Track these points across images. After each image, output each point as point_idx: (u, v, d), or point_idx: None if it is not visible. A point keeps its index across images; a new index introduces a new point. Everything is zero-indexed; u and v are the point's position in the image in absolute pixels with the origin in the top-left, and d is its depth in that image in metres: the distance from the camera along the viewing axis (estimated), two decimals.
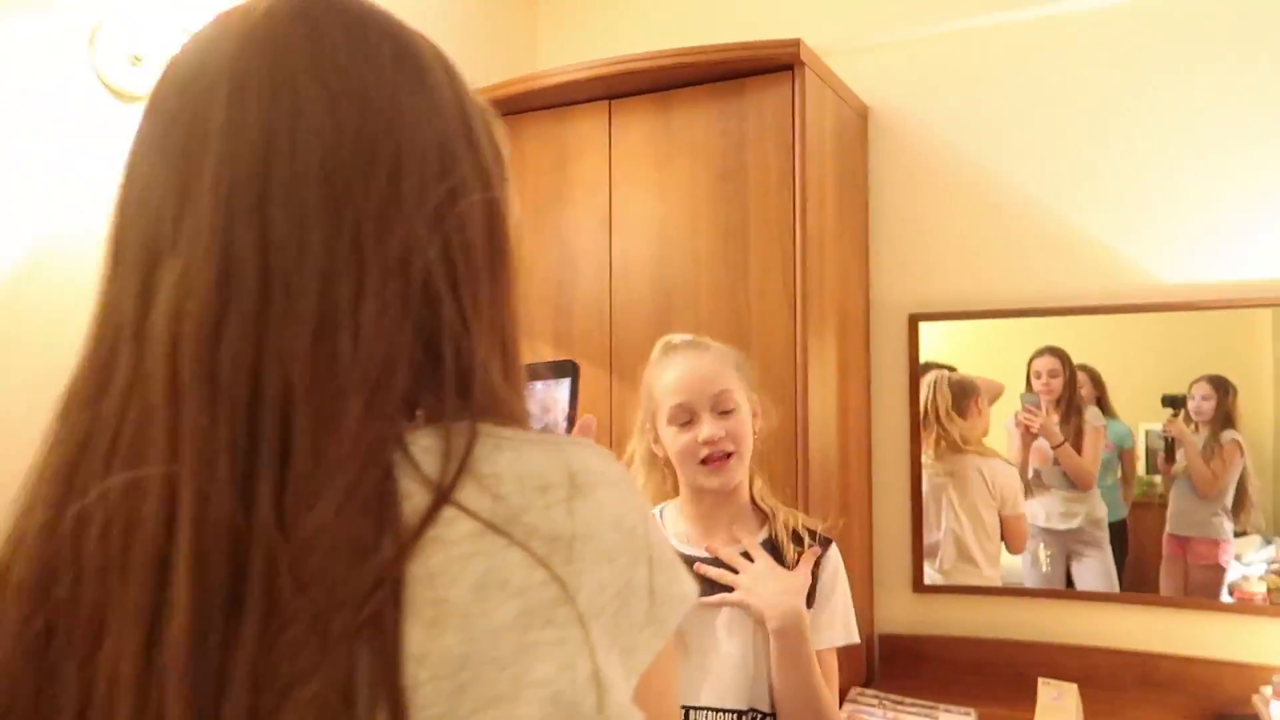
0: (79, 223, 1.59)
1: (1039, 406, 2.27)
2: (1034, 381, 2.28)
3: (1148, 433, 2.21)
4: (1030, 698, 2.04)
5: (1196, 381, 2.15)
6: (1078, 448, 2.26)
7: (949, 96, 2.37)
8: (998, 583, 2.35)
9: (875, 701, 2.16)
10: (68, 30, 1.58)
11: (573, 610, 0.48)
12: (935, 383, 2.40)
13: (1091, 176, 2.23)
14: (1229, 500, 2.12)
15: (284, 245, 0.49)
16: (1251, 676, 2.02)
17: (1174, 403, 2.17)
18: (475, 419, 0.52)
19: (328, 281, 0.49)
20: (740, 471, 1.42)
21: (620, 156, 2.20)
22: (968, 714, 2.10)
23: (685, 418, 1.40)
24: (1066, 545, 2.28)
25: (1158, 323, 2.18)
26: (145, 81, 1.67)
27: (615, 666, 0.50)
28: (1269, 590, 2.06)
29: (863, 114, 2.41)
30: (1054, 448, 2.27)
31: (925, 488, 2.40)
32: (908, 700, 2.15)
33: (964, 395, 2.38)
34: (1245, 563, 2.11)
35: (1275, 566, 2.07)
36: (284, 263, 0.49)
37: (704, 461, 1.39)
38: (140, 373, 0.49)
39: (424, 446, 0.50)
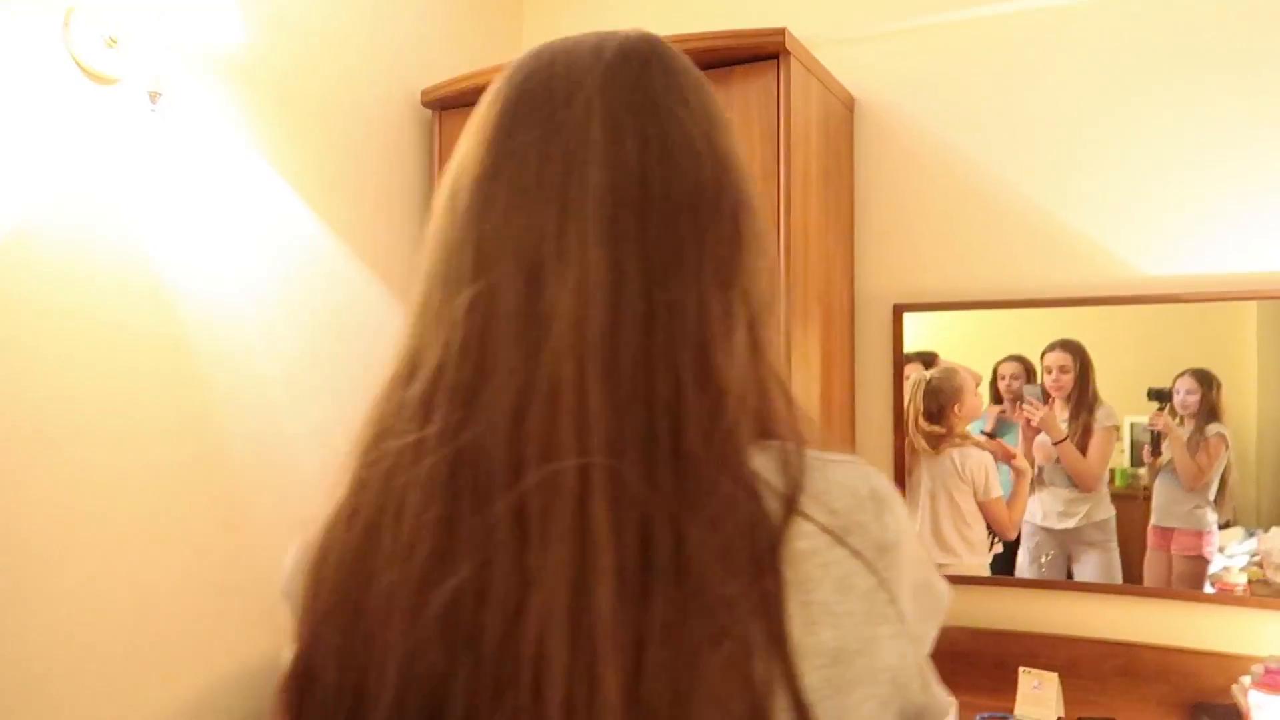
0: (56, 209, 1.57)
1: (1041, 400, 2.26)
2: (1045, 377, 2.26)
3: (1133, 425, 2.21)
4: (1011, 687, 2.05)
5: (1180, 375, 2.14)
6: (1084, 446, 2.24)
7: (936, 88, 2.36)
8: (983, 572, 2.35)
9: None
10: (41, 12, 1.56)
11: (896, 608, 0.57)
12: (915, 386, 2.39)
13: (1077, 169, 2.23)
14: (1212, 492, 2.12)
15: (665, 266, 0.56)
16: (1231, 666, 2.02)
17: (1159, 396, 2.16)
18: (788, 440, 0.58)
19: (703, 304, 0.56)
20: None
21: None
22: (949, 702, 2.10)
23: None
24: (1067, 546, 2.27)
25: (1142, 315, 2.18)
26: (121, 64, 1.65)
27: (919, 654, 0.59)
28: (1249, 582, 2.07)
29: (849, 105, 2.40)
30: (1055, 444, 2.26)
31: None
32: None
33: (941, 400, 2.37)
34: (1228, 554, 2.11)
35: (1256, 558, 2.08)
36: (665, 281, 0.56)
37: None
38: (536, 363, 0.54)
39: (759, 462, 0.56)
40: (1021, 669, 2.04)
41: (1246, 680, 1.91)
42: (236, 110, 1.93)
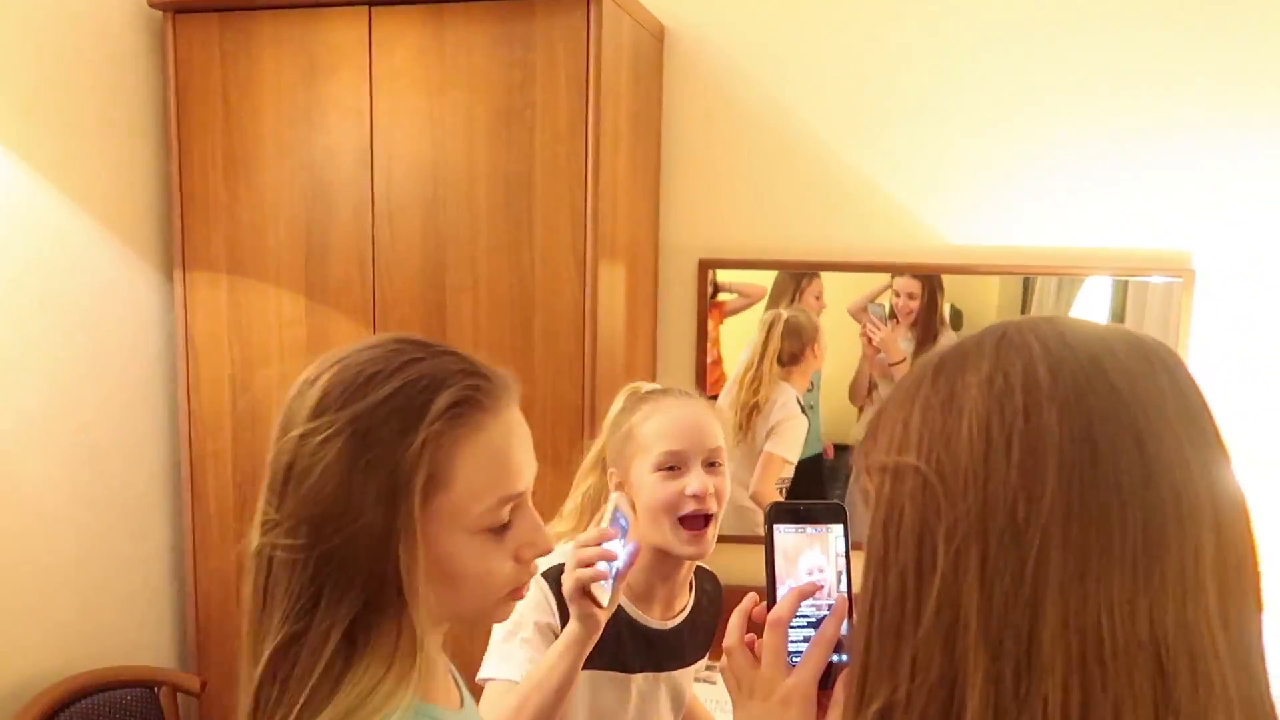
0: None
1: (885, 321, 2.24)
2: (894, 300, 2.23)
3: None
4: None
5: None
6: None
7: (749, 21, 2.19)
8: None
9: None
10: None
11: None
12: (770, 325, 2.28)
13: (889, 130, 2.15)
14: None
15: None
16: None
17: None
18: None
19: None
20: (713, 541, 1.26)
21: (384, 77, 1.86)
22: (713, 667, 2.12)
23: (673, 464, 1.24)
24: None
25: (945, 283, 2.18)
26: None
27: None
28: None
29: (659, 35, 2.18)
30: (891, 364, 2.26)
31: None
32: None
33: (802, 340, 2.29)
34: None
35: None
36: None
37: (683, 520, 1.23)
38: None
39: None
40: None
41: None
42: None
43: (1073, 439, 0.48)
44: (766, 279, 2.25)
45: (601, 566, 1.11)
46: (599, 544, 1.13)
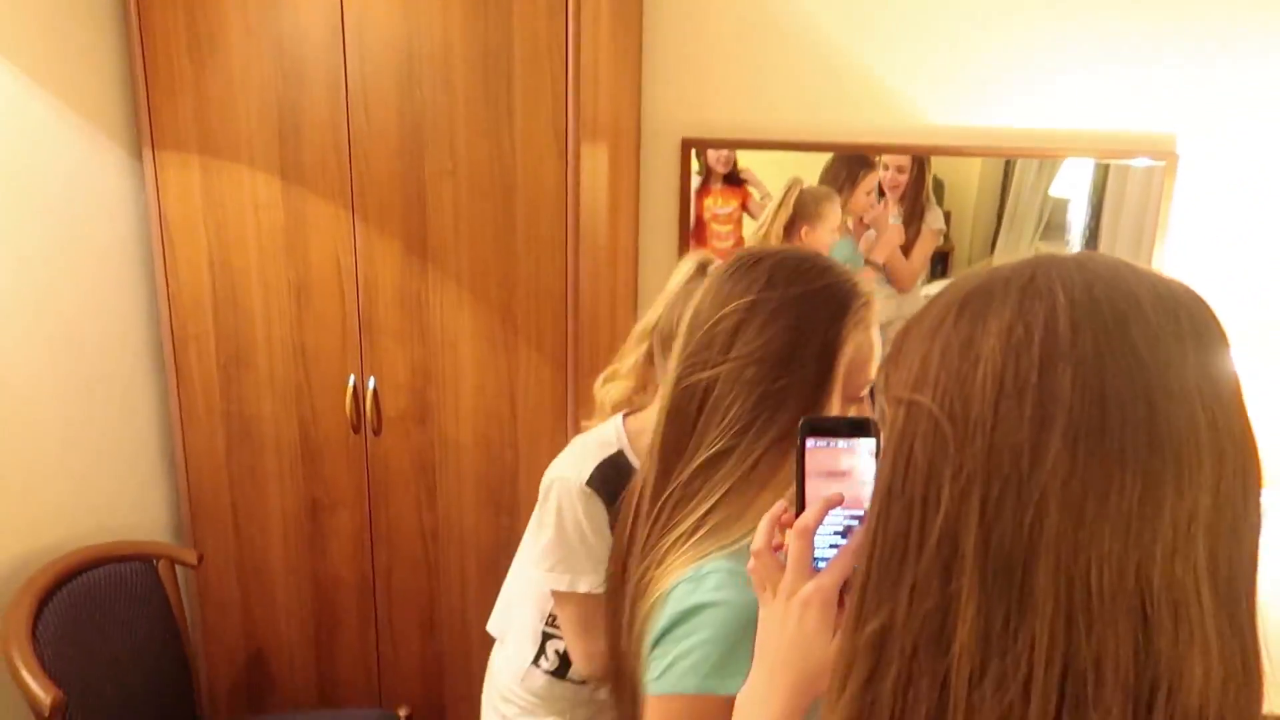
0: None
1: (878, 198, 2.23)
2: (882, 174, 2.21)
3: None
4: None
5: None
6: (908, 250, 2.26)
7: None
8: None
9: None
10: None
11: None
12: (788, 190, 2.25)
13: (875, 8, 2.09)
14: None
15: None
16: None
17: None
18: None
19: None
20: None
21: None
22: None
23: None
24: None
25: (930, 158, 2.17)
26: None
27: None
28: None
29: None
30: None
31: None
32: None
33: (808, 213, 2.28)
34: None
35: None
36: None
37: None
38: None
39: None
40: None
41: None
42: None
43: (1084, 401, 0.49)
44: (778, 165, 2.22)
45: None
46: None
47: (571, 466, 1.33)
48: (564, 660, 1.47)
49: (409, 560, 2.10)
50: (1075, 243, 2.18)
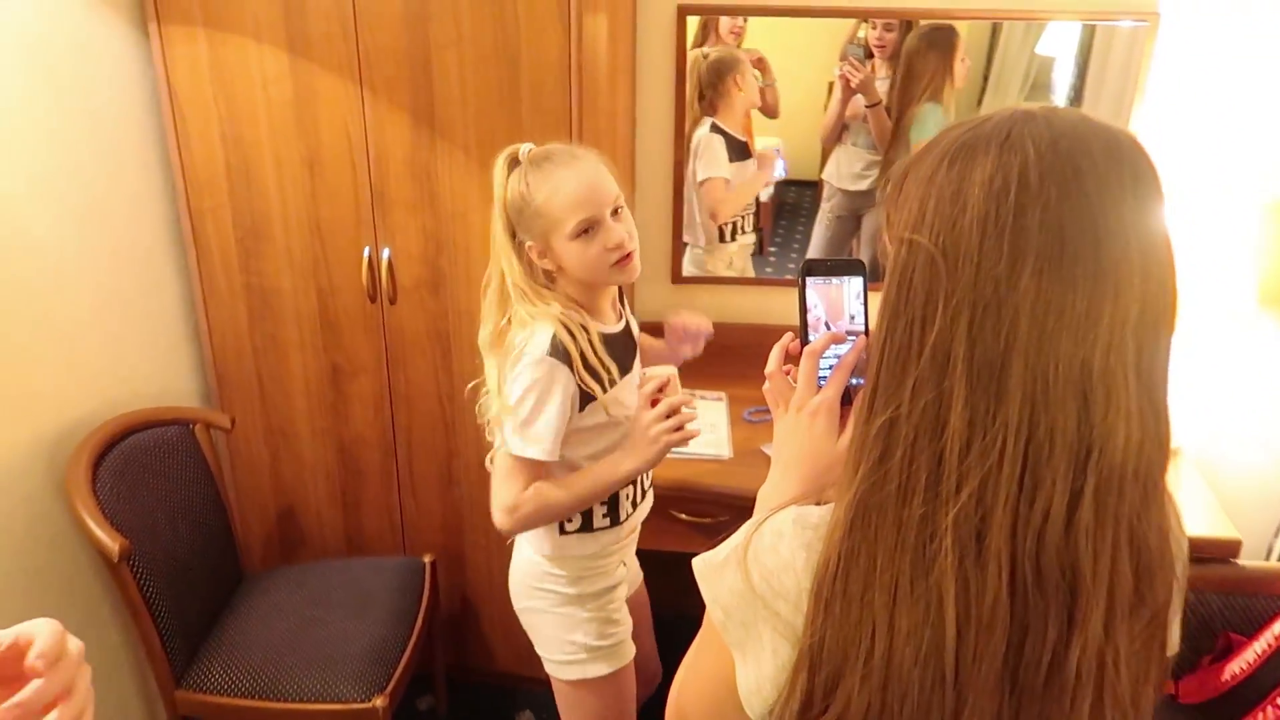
0: None
1: (863, 61, 2.28)
2: (870, 33, 2.24)
3: None
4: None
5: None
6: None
7: None
8: (743, 267, 2.52)
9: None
10: None
11: None
12: (693, 67, 2.33)
13: None
14: None
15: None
16: None
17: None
18: None
19: None
20: (638, 266, 1.52)
21: None
22: (720, 397, 2.35)
23: (587, 228, 1.44)
24: (856, 205, 2.44)
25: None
26: None
27: None
28: None
29: None
30: (868, 106, 2.31)
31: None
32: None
33: (715, 80, 2.34)
34: None
35: None
36: None
37: (614, 265, 1.47)
38: None
39: None
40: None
41: None
42: None
43: (1047, 239, 0.63)
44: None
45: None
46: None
47: (528, 348, 1.47)
48: (585, 515, 1.63)
49: (427, 421, 2.24)
50: (1061, 103, 2.25)
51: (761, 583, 0.74)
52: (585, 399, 1.51)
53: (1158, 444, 0.68)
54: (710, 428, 2.19)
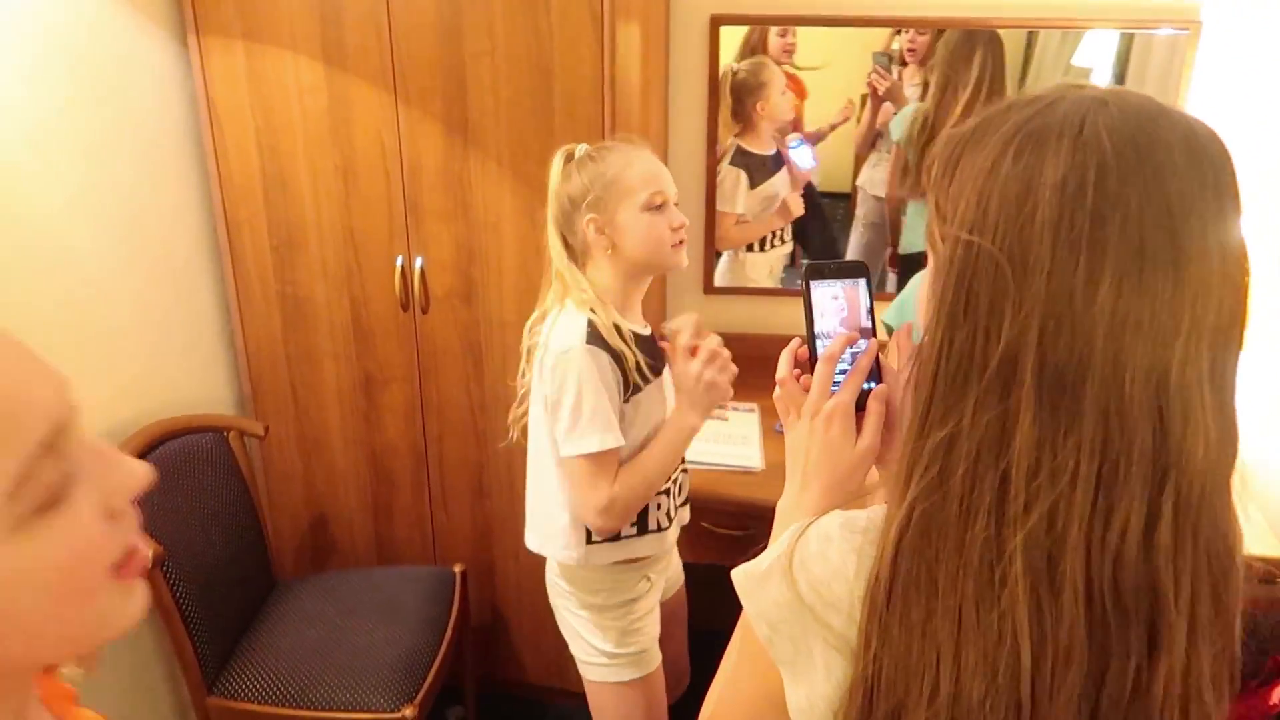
0: None
1: (889, 69, 2.27)
2: (903, 38, 2.23)
3: None
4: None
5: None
6: None
7: None
8: (773, 278, 2.51)
9: None
10: None
11: None
12: (723, 80, 2.33)
13: None
14: None
15: None
16: None
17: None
18: None
19: None
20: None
21: None
22: (751, 409, 2.34)
23: (660, 203, 1.50)
24: (897, 212, 2.41)
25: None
26: None
27: None
28: None
29: None
30: (897, 113, 2.30)
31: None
32: None
33: (744, 95, 2.34)
34: None
35: None
36: None
37: (675, 246, 1.53)
38: None
39: None
40: None
41: None
42: None
43: (1128, 250, 0.59)
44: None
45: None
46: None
47: (562, 339, 1.49)
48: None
49: (459, 431, 2.24)
50: None
51: (810, 592, 0.69)
52: (629, 388, 1.53)
53: (1230, 458, 0.64)
54: (742, 440, 2.17)
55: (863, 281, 0.90)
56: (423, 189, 2.03)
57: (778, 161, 2.41)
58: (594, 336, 1.47)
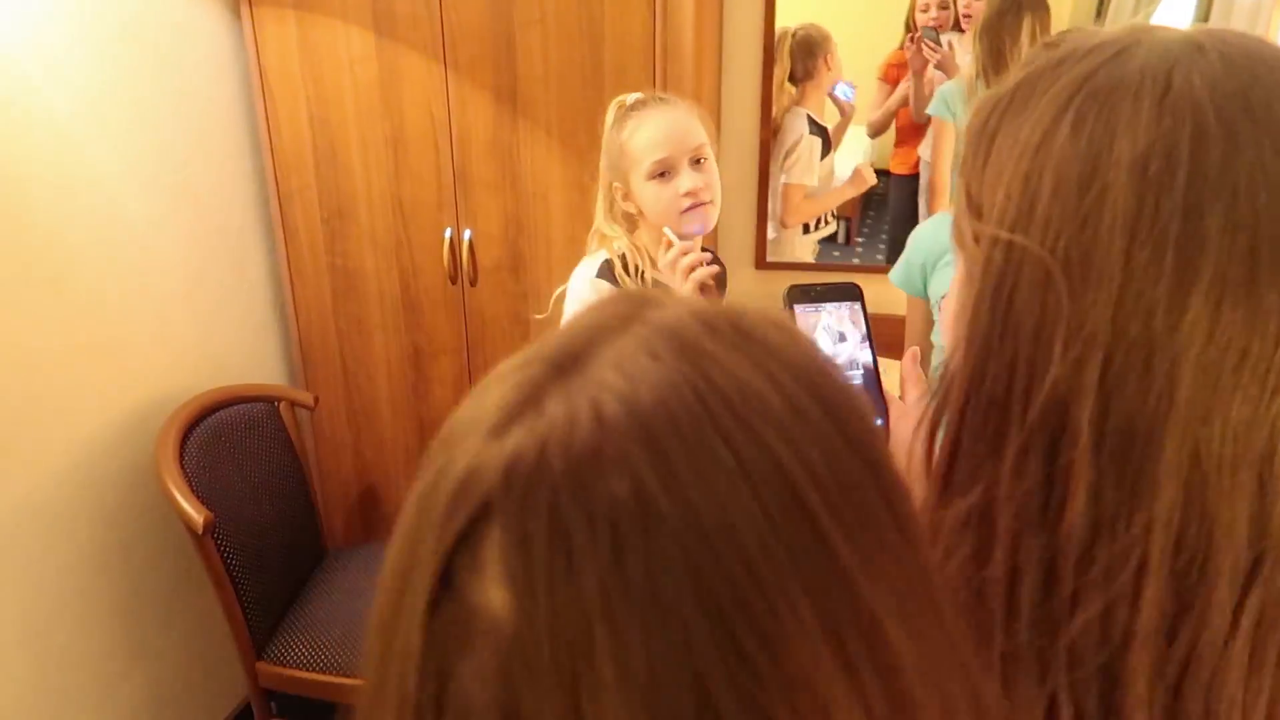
0: None
1: (938, 42, 2.19)
2: (958, 4, 2.14)
3: None
4: None
5: None
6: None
7: None
8: (808, 254, 2.45)
9: None
10: None
11: None
12: (780, 42, 2.27)
13: None
14: None
15: None
16: None
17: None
18: None
19: None
20: (713, 218, 1.44)
21: None
22: None
23: (664, 170, 1.40)
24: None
25: None
26: None
27: None
28: None
29: None
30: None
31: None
32: None
33: (812, 51, 2.28)
34: None
35: None
36: None
37: (684, 215, 1.41)
38: None
39: None
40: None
41: None
42: None
43: (1234, 250, 0.42)
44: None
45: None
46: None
47: (574, 278, 1.47)
48: None
49: None
50: None
51: None
52: None
53: None
54: None
55: (856, 305, 0.81)
56: (471, 160, 2.01)
57: (828, 137, 2.35)
58: (605, 271, 1.45)
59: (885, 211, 2.44)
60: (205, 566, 1.80)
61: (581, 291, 1.46)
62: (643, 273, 1.47)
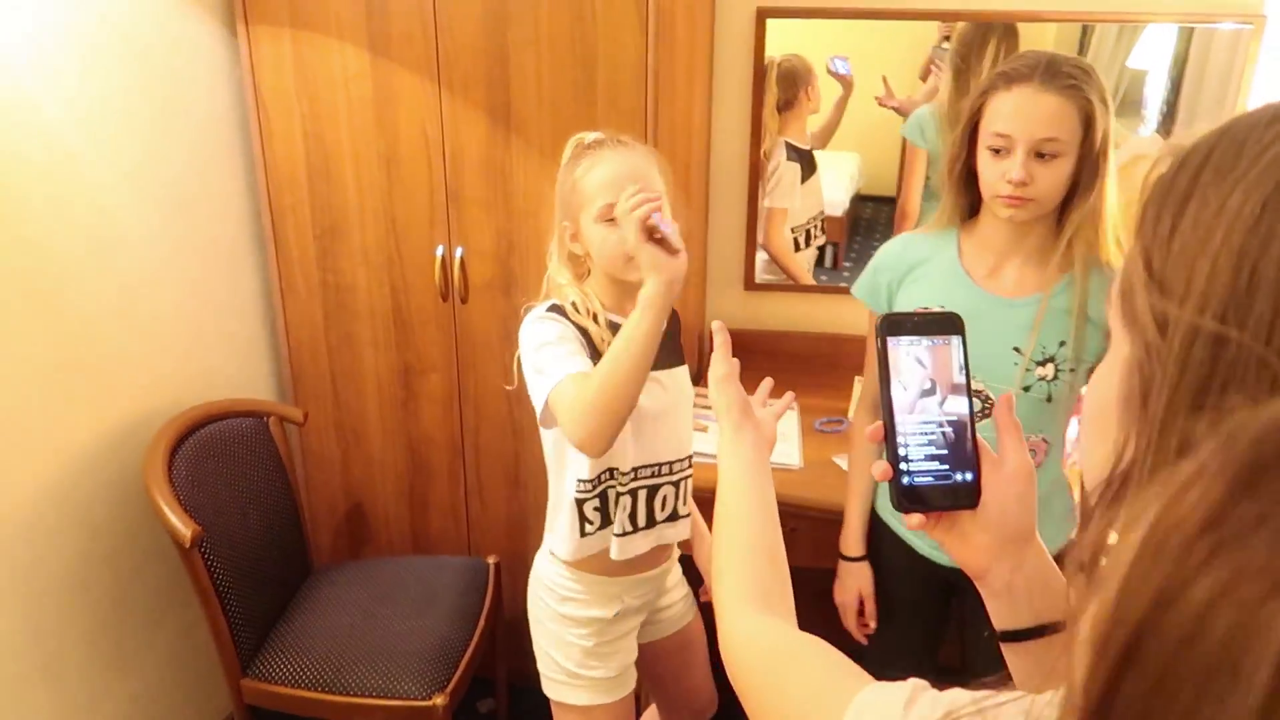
0: None
1: (946, 62, 2.22)
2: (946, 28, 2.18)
3: None
4: (847, 389, 2.25)
5: None
6: None
7: None
8: (807, 276, 2.47)
9: (704, 399, 2.31)
10: None
11: None
12: (767, 73, 2.31)
13: None
14: None
15: None
16: None
17: None
18: None
19: None
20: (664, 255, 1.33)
21: None
22: (790, 407, 2.30)
23: (612, 215, 1.35)
24: None
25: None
26: None
27: None
28: None
29: None
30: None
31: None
32: None
33: (794, 82, 2.31)
34: None
35: None
36: None
37: (628, 261, 1.35)
38: None
39: None
40: (857, 377, 2.22)
41: None
42: None
43: None
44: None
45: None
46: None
47: (524, 326, 1.46)
48: (604, 515, 1.58)
49: (495, 422, 2.23)
50: (1152, 119, 2.16)
51: None
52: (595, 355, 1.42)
53: None
54: (782, 437, 2.14)
55: (955, 339, 0.74)
56: (464, 178, 2.03)
57: (814, 163, 2.38)
58: (554, 309, 1.44)
59: (874, 235, 2.47)
60: (192, 580, 1.80)
61: (537, 331, 1.42)
62: (596, 315, 1.45)
